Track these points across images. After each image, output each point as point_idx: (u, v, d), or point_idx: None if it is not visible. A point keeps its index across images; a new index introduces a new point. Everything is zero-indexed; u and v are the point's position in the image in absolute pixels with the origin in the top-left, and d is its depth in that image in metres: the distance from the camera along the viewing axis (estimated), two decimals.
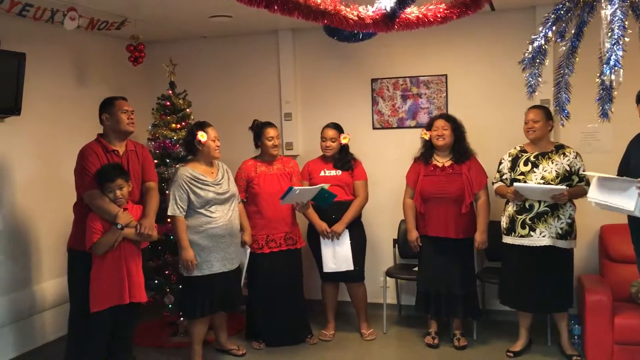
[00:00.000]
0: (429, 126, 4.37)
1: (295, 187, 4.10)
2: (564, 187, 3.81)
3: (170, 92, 4.73)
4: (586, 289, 3.96)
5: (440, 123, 4.29)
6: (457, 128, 4.31)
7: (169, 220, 4.40)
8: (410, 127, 5.09)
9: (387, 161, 4.95)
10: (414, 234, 4.34)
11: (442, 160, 4.30)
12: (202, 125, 4.07)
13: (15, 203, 4.29)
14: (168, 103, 4.69)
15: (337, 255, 4.45)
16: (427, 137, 4.33)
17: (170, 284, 4.51)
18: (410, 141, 4.51)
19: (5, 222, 4.22)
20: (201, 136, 3.98)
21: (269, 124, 4.46)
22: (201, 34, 5.47)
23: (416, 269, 4.56)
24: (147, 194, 3.81)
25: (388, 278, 4.91)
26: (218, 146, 4.08)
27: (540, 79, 2.03)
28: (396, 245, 5.05)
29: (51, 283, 4.47)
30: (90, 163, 3.55)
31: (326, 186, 4.24)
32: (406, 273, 4.78)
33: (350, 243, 4.45)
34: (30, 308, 4.33)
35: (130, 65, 4.87)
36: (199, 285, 3.99)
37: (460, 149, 4.30)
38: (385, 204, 4.91)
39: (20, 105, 4.09)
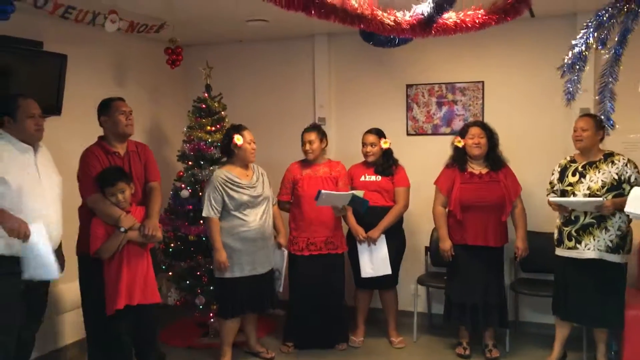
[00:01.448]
0: (462, 133, 4.31)
1: (323, 191, 4.10)
2: (601, 198, 3.68)
3: (205, 94, 4.78)
4: (626, 303, 3.83)
5: (476, 131, 4.23)
6: (491, 136, 4.24)
7: (201, 221, 4.46)
8: (444, 134, 5.04)
9: (421, 168, 4.90)
10: (447, 244, 4.27)
11: (478, 168, 4.24)
12: (239, 129, 4.11)
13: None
14: (203, 106, 4.74)
15: (374, 260, 4.41)
16: (460, 145, 4.27)
17: (201, 285, 4.55)
18: (444, 148, 4.46)
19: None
20: (237, 139, 4.02)
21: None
22: (238, 38, 5.52)
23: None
24: (150, 194, 3.75)
25: (419, 286, 4.86)
26: (254, 149, 4.11)
27: (579, 86, 1.99)
28: (428, 252, 4.99)
29: (69, 286, 4.47)
30: (91, 167, 3.53)
31: (359, 193, 4.22)
32: (438, 281, 4.72)
33: (388, 248, 4.41)
34: (48, 310, 4.35)
35: (168, 67, 4.94)
36: (230, 286, 4.04)
37: (494, 157, 4.23)
38: (418, 211, 4.86)
39: (60, 106, 4.18)
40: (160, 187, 3.87)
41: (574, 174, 3.90)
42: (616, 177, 3.76)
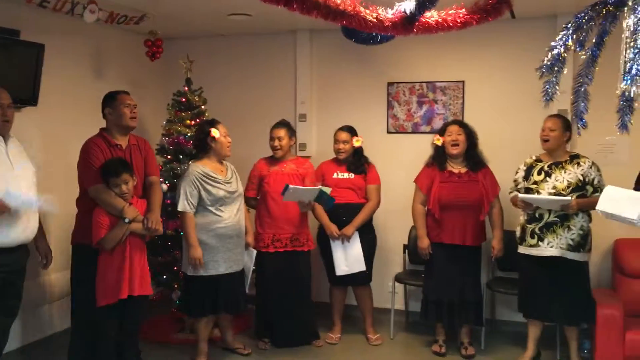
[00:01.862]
0: (441, 132, 4.33)
1: (291, 186, 4.08)
2: (568, 197, 3.75)
3: (186, 88, 4.74)
4: (598, 302, 3.90)
5: (454, 128, 4.26)
6: (470, 135, 4.27)
7: (179, 216, 4.42)
8: (425, 132, 5.06)
9: (401, 166, 4.92)
10: (425, 241, 4.30)
11: (457, 167, 4.27)
12: (212, 123, 4.08)
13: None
14: (183, 99, 4.70)
15: (348, 257, 4.43)
16: (439, 143, 4.29)
17: (178, 280, 4.52)
18: (425, 147, 4.48)
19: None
20: (214, 132, 3.98)
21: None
22: (219, 32, 5.49)
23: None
24: (151, 189, 3.77)
25: (397, 283, 4.88)
26: (230, 142, 4.08)
27: (557, 87, 2.01)
28: (406, 250, 5.02)
29: (59, 275, 4.47)
30: (94, 157, 3.54)
31: (327, 189, 4.22)
32: (415, 279, 4.74)
33: (361, 245, 4.42)
34: (37, 299, 4.34)
35: (148, 60, 4.89)
36: (204, 285, 3.98)
37: (474, 157, 4.26)
38: (397, 209, 4.88)
39: (37, 96, 4.12)
40: (159, 182, 3.90)
41: (539, 173, 3.96)
42: (581, 178, 3.85)
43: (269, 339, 4.50)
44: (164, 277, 4.54)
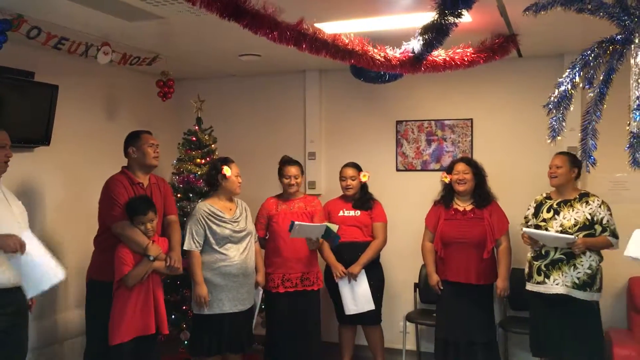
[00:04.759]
0: (449, 169, 4.33)
1: (297, 223, 4.08)
2: (573, 236, 3.71)
3: (196, 127, 4.79)
4: (614, 343, 3.82)
5: (461, 167, 4.25)
6: (478, 172, 4.26)
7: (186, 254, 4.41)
8: (434, 169, 5.06)
9: (410, 204, 4.91)
10: (434, 278, 4.25)
11: (463, 205, 4.25)
12: (226, 161, 4.11)
13: (43, 230, 4.31)
14: (194, 138, 4.74)
15: (356, 296, 4.38)
16: (447, 181, 4.28)
17: (187, 319, 4.47)
18: (434, 184, 4.47)
19: None
20: (226, 170, 4.01)
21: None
22: (230, 72, 5.57)
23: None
24: (170, 228, 3.85)
25: (408, 323, 4.81)
26: (240, 182, 4.10)
27: (564, 124, 2.01)
28: (417, 289, 4.96)
29: (75, 312, 4.45)
30: (118, 194, 3.59)
31: (333, 226, 4.21)
32: (427, 318, 4.67)
33: (369, 283, 4.38)
34: (52, 336, 4.30)
35: (159, 100, 4.96)
36: (208, 323, 3.96)
37: (481, 194, 4.24)
38: (407, 247, 4.84)
39: (50, 136, 4.17)
40: (178, 221, 3.96)
41: (548, 211, 3.94)
42: (589, 217, 3.80)
43: None
44: (172, 316, 4.49)
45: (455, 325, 4.16)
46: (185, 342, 4.49)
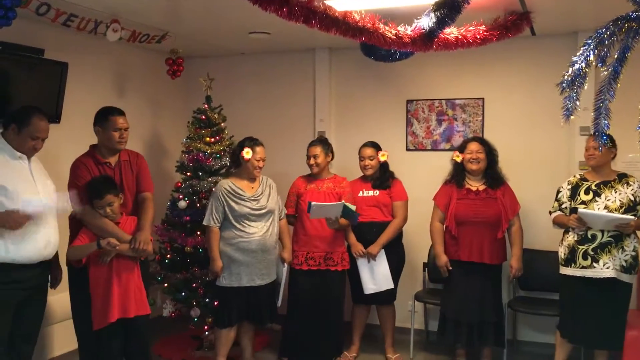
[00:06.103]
0: (461, 148, 4.30)
1: (314, 203, 4.08)
2: (631, 217, 3.65)
3: (206, 106, 4.78)
4: (627, 323, 3.78)
5: (474, 146, 4.21)
6: (490, 152, 4.23)
7: (198, 232, 4.43)
8: (444, 149, 5.04)
9: (420, 183, 4.89)
10: (443, 259, 4.24)
11: (475, 185, 4.22)
12: (252, 142, 4.12)
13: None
14: (203, 117, 4.73)
15: (375, 275, 4.38)
16: (459, 160, 4.25)
17: (197, 297, 4.51)
18: (444, 164, 4.45)
19: None
20: (247, 153, 4.04)
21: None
22: (239, 51, 5.54)
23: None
24: (142, 205, 3.69)
25: (417, 302, 4.83)
26: (260, 167, 4.12)
27: (578, 103, 1.98)
28: (426, 269, 4.97)
29: (61, 296, 4.44)
30: (80, 177, 3.49)
31: (351, 205, 4.20)
32: (435, 298, 4.68)
33: (388, 262, 4.38)
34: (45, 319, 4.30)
35: (168, 78, 4.95)
36: (227, 295, 4.06)
37: (493, 174, 4.21)
38: (416, 227, 4.83)
39: (60, 114, 4.18)
40: (153, 198, 3.82)
41: (587, 192, 3.86)
42: (632, 198, 3.75)
43: (289, 358, 4.46)
44: (183, 294, 4.53)
45: (468, 305, 4.16)
46: (195, 319, 4.53)
